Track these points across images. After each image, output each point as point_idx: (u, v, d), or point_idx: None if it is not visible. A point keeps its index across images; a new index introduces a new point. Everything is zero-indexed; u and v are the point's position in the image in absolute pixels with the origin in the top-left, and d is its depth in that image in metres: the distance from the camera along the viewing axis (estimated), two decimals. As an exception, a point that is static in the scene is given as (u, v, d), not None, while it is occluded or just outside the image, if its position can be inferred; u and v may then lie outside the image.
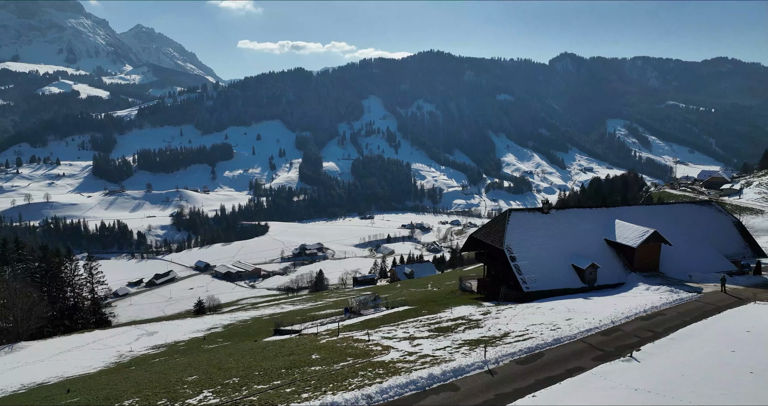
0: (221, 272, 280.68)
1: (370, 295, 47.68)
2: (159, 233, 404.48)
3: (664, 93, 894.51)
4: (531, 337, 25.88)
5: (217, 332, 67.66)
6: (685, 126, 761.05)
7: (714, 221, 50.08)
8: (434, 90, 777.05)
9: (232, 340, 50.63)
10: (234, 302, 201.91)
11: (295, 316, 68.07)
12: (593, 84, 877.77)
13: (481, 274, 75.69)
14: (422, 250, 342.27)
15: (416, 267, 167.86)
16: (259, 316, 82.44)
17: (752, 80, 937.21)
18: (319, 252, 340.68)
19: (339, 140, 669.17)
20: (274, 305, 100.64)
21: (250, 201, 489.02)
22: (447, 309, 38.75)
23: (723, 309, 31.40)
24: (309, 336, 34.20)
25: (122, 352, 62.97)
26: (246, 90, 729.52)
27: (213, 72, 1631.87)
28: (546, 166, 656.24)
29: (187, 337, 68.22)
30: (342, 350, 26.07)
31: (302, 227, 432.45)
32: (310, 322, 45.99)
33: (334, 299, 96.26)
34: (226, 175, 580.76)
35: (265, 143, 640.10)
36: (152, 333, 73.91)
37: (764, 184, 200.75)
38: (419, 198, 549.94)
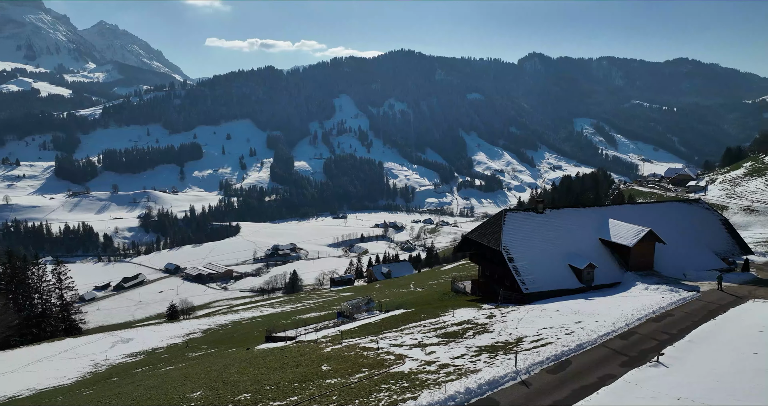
0: (192, 275, 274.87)
1: (362, 298, 46.44)
2: (126, 235, 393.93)
3: (628, 92, 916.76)
4: (548, 342, 25.24)
5: (197, 338, 65.38)
6: (649, 124, 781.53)
7: (702, 219, 50.59)
8: (406, 89, 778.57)
9: (218, 347, 48.70)
10: (207, 304, 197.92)
11: (278, 319, 66.30)
12: (561, 83, 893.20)
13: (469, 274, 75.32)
14: (396, 249, 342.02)
15: (393, 267, 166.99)
16: (238, 320, 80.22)
17: (711, 80, 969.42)
18: (292, 252, 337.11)
19: (310, 139, 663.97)
20: (252, 309, 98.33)
21: (220, 201, 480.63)
22: (448, 312, 37.86)
23: (726, 308, 31.43)
24: (309, 344, 32.76)
25: (97, 361, 60.25)
26: (215, 89, 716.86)
27: (180, 70, 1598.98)
28: (516, 165, 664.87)
29: (165, 343, 65.79)
30: (353, 360, 24.84)
31: (274, 228, 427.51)
32: (302, 327, 44.48)
33: (314, 301, 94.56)
34: (196, 176, 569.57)
35: (235, 143, 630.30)
36: (128, 340, 71.08)
37: (727, 181, 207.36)
38: (392, 197, 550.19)
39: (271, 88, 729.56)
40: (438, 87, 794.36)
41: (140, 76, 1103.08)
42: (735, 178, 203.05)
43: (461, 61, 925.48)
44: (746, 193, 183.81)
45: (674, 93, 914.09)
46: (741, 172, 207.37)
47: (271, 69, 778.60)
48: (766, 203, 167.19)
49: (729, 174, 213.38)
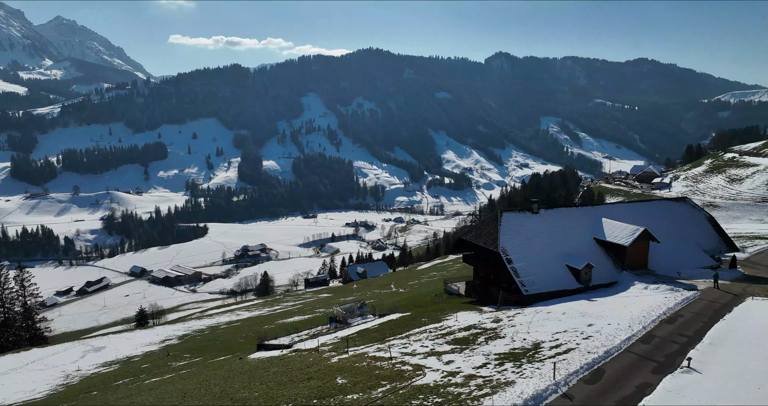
0: (159, 277, 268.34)
1: (355, 302, 44.88)
2: (89, 238, 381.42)
3: (592, 92, 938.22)
4: (570, 348, 24.52)
5: (175, 345, 62.74)
6: (612, 123, 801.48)
7: (690, 217, 50.97)
8: (374, 88, 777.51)
9: (202, 355, 46.48)
10: (176, 307, 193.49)
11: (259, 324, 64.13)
12: (527, 83, 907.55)
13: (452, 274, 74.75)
14: (368, 248, 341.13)
15: (368, 266, 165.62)
16: (215, 325, 77.53)
17: (669, 80, 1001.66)
18: (262, 253, 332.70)
19: (279, 138, 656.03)
20: (228, 312, 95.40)
21: (187, 202, 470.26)
22: (449, 316, 36.84)
23: (729, 307, 31.46)
24: (310, 353, 31.12)
25: (68, 372, 57.16)
26: (179, 87, 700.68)
27: (143, 68, 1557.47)
28: (484, 163, 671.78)
29: (140, 351, 62.97)
30: (368, 372, 23.51)
31: (243, 228, 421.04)
32: (295, 334, 42.72)
33: (292, 304, 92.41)
34: (161, 176, 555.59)
35: (202, 142, 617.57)
36: (99, 349, 67.75)
37: (690, 177, 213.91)
38: (362, 196, 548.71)
39: (237, 87, 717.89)
40: (406, 86, 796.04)
41: (101, 73, 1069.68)
42: (697, 175, 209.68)
43: (429, 60, 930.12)
44: (708, 190, 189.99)
45: (635, 92, 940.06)
46: (702, 169, 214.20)
47: (237, 67, 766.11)
48: (727, 198, 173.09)
49: (691, 171, 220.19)
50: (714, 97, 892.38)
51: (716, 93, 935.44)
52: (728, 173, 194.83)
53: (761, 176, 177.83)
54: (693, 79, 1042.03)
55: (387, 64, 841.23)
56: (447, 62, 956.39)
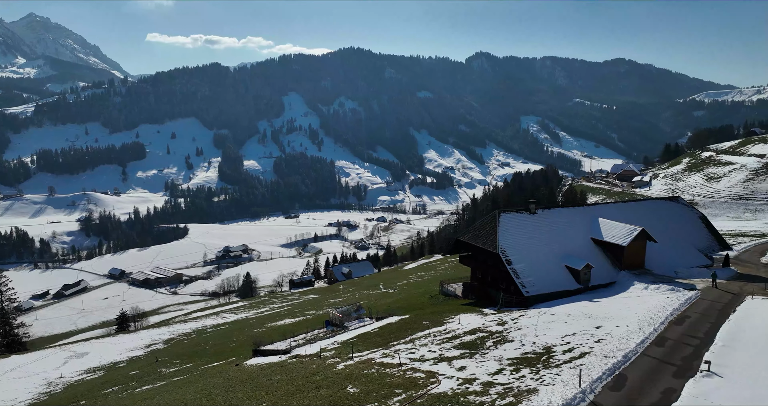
0: (139, 279, 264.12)
1: (351, 305, 43.90)
2: (65, 240, 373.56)
3: (571, 91, 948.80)
4: (584, 352, 24.04)
5: (161, 350, 61.10)
6: (591, 122, 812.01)
7: (682, 216, 51.17)
8: (355, 87, 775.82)
9: (193, 361, 45.10)
10: (157, 310, 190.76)
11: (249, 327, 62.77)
12: (507, 82, 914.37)
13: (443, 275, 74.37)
14: (350, 248, 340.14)
15: (353, 266, 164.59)
16: (201, 328, 75.82)
17: (646, 80, 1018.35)
18: (244, 254, 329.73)
19: (260, 138, 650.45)
20: (213, 315, 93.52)
21: (166, 203, 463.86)
22: (450, 319, 36.26)
23: (731, 306, 31.44)
24: (311, 359, 30.15)
25: (51, 379, 55.25)
26: (157, 86, 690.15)
27: (119, 66, 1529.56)
28: (466, 162, 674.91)
29: (125, 356, 61.23)
30: (379, 380, 22.72)
31: (224, 229, 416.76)
32: (291, 338, 41.63)
33: (279, 305, 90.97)
34: (139, 176, 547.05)
35: (181, 142, 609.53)
36: (82, 355, 65.67)
37: (669, 176, 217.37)
38: (344, 196, 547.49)
39: (217, 86, 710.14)
40: (388, 85, 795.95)
41: (76, 72, 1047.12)
42: (676, 174, 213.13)
43: (410, 60, 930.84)
44: (687, 188, 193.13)
45: (613, 92, 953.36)
46: (681, 167, 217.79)
47: (216, 66, 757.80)
48: (706, 196, 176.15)
49: (670, 169, 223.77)
50: (689, 97, 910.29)
51: (691, 93, 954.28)
52: (706, 172, 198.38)
53: (738, 174, 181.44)
54: (669, 79, 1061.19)
55: (368, 63, 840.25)
56: (428, 62, 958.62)
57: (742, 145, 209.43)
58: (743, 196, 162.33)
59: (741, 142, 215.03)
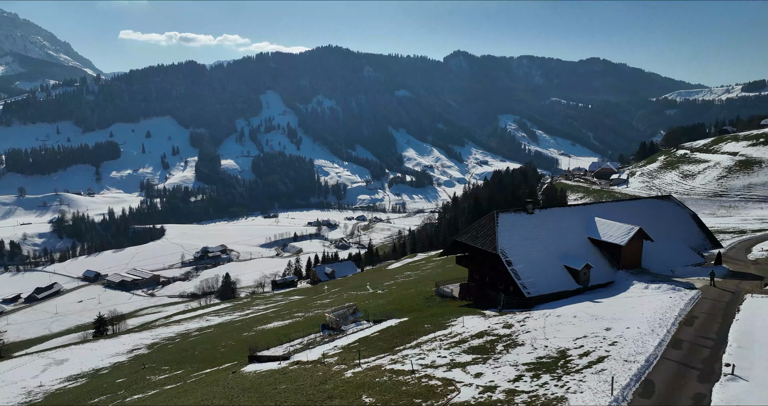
0: (115, 282, 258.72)
1: (348, 307, 42.75)
2: (37, 242, 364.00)
3: (547, 90, 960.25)
4: (601, 356, 23.41)
5: (145, 355, 59.19)
6: (567, 121, 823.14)
7: (675, 214, 51.36)
8: (334, 85, 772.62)
9: (183, 367, 43.45)
10: (134, 312, 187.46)
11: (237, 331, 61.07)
12: (485, 81, 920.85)
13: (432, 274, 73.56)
14: (331, 247, 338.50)
15: (336, 266, 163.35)
16: (185, 332, 73.82)
17: (620, 79, 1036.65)
18: (222, 254, 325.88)
19: (237, 137, 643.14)
20: (196, 318, 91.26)
21: (142, 203, 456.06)
22: (452, 321, 35.50)
23: (734, 305, 31.45)
24: (315, 366, 28.91)
25: (30, 387, 53.07)
26: (132, 84, 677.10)
27: (92, 64, 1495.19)
28: (445, 160, 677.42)
29: (107, 363, 59.19)
30: (393, 388, 21.80)
31: (202, 229, 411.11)
32: (288, 343, 40.38)
33: (263, 307, 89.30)
34: (114, 176, 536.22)
35: (156, 141, 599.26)
36: (61, 361, 63.29)
37: (646, 173, 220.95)
38: (323, 195, 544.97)
39: (193, 84, 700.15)
40: (366, 84, 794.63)
41: (46, 69, 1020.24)
42: (652, 171, 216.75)
43: (389, 58, 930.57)
44: (663, 185, 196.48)
45: (588, 91, 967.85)
46: (657, 165, 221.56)
47: (192, 64, 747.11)
48: (682, 193, 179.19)
49: (646, 167, 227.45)
50: (661, 96, 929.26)
51: (663, 92, 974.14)
52: (681, 169, 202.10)
53: (712, 172, 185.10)
54: (642, 79, 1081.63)
55: (346, 62, 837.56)
56: (406, 60, 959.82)
57: (715, 143, 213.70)
58: (718, 193, 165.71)
59: (714, 141, 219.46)
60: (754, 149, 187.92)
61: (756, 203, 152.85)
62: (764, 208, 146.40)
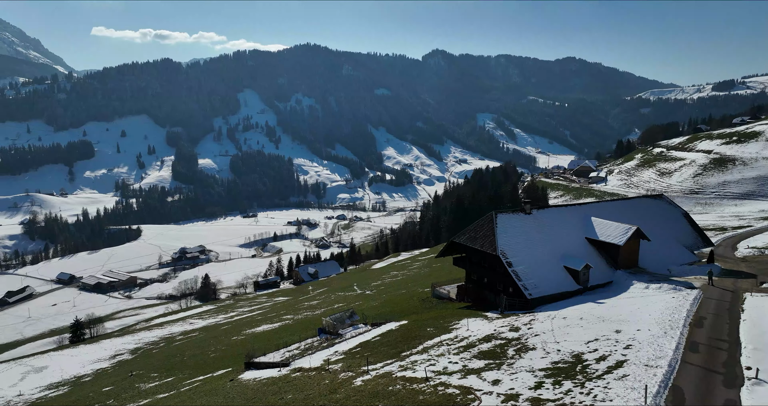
0: (90, 284, 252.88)
1: (345, 311, 41.62)
2: (7, 244, 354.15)
3: (525, 89, 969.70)
4: (619, 360, 22.83)
5: (129, 361, 57.33)
6: (544, 119, 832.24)
7: (667, 213, 51.56)
8: (313, 84, 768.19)
9: (173, 374, 41.82)
10: (111, 315, 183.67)
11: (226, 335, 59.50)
12: (463, 80, 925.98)
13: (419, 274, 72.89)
14: (311, 246, 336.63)
15: (319, 266, 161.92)
16: (169, 336, 71.84)
17: (595, 78, 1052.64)
18: (201, 255, 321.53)
19: (215, 136, 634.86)
20: (179, 321, 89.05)
21: (117, 203, 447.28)
22: (455, 324, 34.72)
23: (737, 305, 31.45)
24: (319, 373, 28.00)
25: (8, 397, 50.95)
26: (105, 82, 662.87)
27: (63, 61, 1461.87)
28: (424, 159, 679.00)
29: (89, 369, 57.24)
30: (409, 398, 20.88)
31: (180, 229, 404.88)
32: (284, 349, 39.16)
33: (248, 309, 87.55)
34: (88, 176, 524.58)
35: (132, 140, 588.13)
36: (40, 369, 60.97)
37: (624, 171, 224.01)
38: (303, 194, 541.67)
39: (169, 82, 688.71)
40: (345, 82, 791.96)
41: (15, 66, 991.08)
42: (630, 169, 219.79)
43: (367, 57, 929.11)
44: (641, 183, 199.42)
45: (564, 89, 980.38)
46: (634, 163, 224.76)
47: (168, 61, 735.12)
48: (659, 191, 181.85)
49: (624, 165, 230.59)
50: (636, 95, 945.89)
51: (637, 91, 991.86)
52: (658, 167, 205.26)
53: (688, 169, 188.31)
54: (616, 77, 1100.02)
55: (325, 60, 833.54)
56: (385, 59, 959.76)
57: (690, 141, 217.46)
58: (694, 191, 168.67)
59: (689, 139, 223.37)
60: (727, 147, 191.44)
61: (731, 199, 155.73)
62: (738, 205, 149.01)
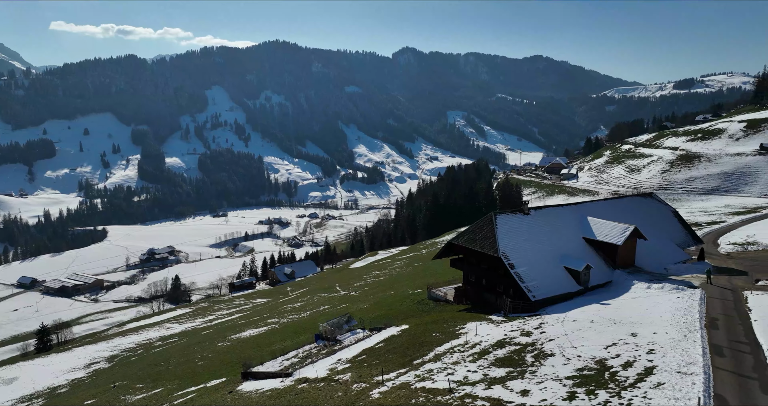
0: (54, 288, 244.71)
1: (342, 315, 40.26)
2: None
3: (494, 87, 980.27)
4: (647, 367, 22.09)
5: (107, 370, 54.69)
6: (513, 116, 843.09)
7: (658, 212, 51.80)
8: (282, 81, 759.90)
9: (161, 385, 39.62)
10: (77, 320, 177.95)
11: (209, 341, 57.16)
12: (433, 77, 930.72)
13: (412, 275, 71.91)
14: (283, 245, 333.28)
15: (296, 266, 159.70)
16: (146, 342, 69.05)
17: (562, 76, 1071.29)
18: (170, 256, 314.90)
19: (182, 134, 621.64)
20: (156, 326, 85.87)
21: (81, 204, 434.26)
22: (461, 329, 33.67)
23: (741, 303, 31.45)
24: (328, 385, 26.66)
25: (-25, 414, 48.06)
26: (66, 78, 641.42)
27: (20, 56, 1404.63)
28: (396, 157, 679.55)
29: (63, 380, 54.46)
30: None
31: (148, 230, 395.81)
32: (281, 357, 37.62)
33: (227, 312, 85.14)
34: (49, 176, 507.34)
35: (95, 138, 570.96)
36: (10, 380, 57.65)
37: (594, 168, 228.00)
38: (274, 192, 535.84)
39: (133, 79, 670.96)
40: (315, 79, 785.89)
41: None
42: (600, 166, 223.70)
43: (338, 54, 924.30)
44: (611, 179, 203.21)
45: (532, 87, 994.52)
46: (604, 160, 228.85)
47: (132, 58, 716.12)
48: (629, 187, 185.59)
49: (594, 162, 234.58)
50: (601, 93, 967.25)
51: (602, 89, 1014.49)
52: (627, 164, 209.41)
53: (656, 166, 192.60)
54: (582, 76, 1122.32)
55: (295, 57, 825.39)
56: (355, 56, 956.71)
57: (657, 138, 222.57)
58: (662, 187, 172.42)
59: (656, 136, 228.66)
60: (693, 144, 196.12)
61: (697, 195, 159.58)
62: (705, 200, 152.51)
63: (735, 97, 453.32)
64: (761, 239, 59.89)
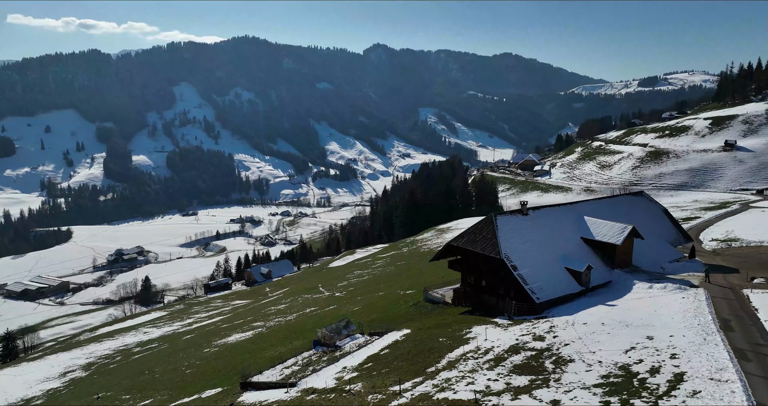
0: (16, 291, 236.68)
1: (341, 321, 38.87)
2: None
3: (465, 84, 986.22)
4: (676, 373, 21.54)
5: (85, 379, 52.15)
6: (484, 113, 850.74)
7: (649, 210, 51.99)
8: (252, 77, 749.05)
9: (149, 396, 37.57)
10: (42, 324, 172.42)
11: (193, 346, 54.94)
12: (405, 74, 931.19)
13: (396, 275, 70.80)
14: (256, 244, 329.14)
15: (272, 266, 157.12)
16: (123, 348, 66.30)
17: (531, 74, 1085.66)
18: (139, 256, 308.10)
19: (150, 131, 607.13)
20: (132, 330, 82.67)
21: (43, 204, 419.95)
22: (468, 333, 32.65)
23: (744, 302, 31.49)
24: (341, 396, 25.32)
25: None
26: (26, 74, 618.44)
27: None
28: (368, 154, 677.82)
29: (38, 391, 51.78)
30: None
31: (115, 230, 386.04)
32: (281, 364, 36.02)
33: (206, 315, 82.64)
34: (8, 175, 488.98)
35: (58, 136, 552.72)
36: (-23, 393, 54.75)
37: (566, 165, 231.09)
38: (245, 190, 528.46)
39: (97, 74, 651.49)
40: (286, 76, 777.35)
41: None
42: (572, 162, 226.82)
43: (308, 50, 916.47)
44: (583, 176, 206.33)
45: (502, 85, 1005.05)
46: (575, 156, 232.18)
47: (96, 53, 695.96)
48: (601, 183, 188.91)
49: (566, 158, 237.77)
50: (569, 90, 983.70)
51: (570, 86, 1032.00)
52: (598, 160, 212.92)
53: (626, 162, 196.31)
54: (551, 73, 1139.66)
55: (264, 53, 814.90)
56: (326, 53, 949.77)
57: (627, 135, 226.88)
58: (633, 182, 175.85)
59: (625, 133, 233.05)
60: (661, 141, 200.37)
61: (667, 191, 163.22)
62: (674, 195, 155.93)
63: (697, 94, 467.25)
64: (741, 234, 61.14)
